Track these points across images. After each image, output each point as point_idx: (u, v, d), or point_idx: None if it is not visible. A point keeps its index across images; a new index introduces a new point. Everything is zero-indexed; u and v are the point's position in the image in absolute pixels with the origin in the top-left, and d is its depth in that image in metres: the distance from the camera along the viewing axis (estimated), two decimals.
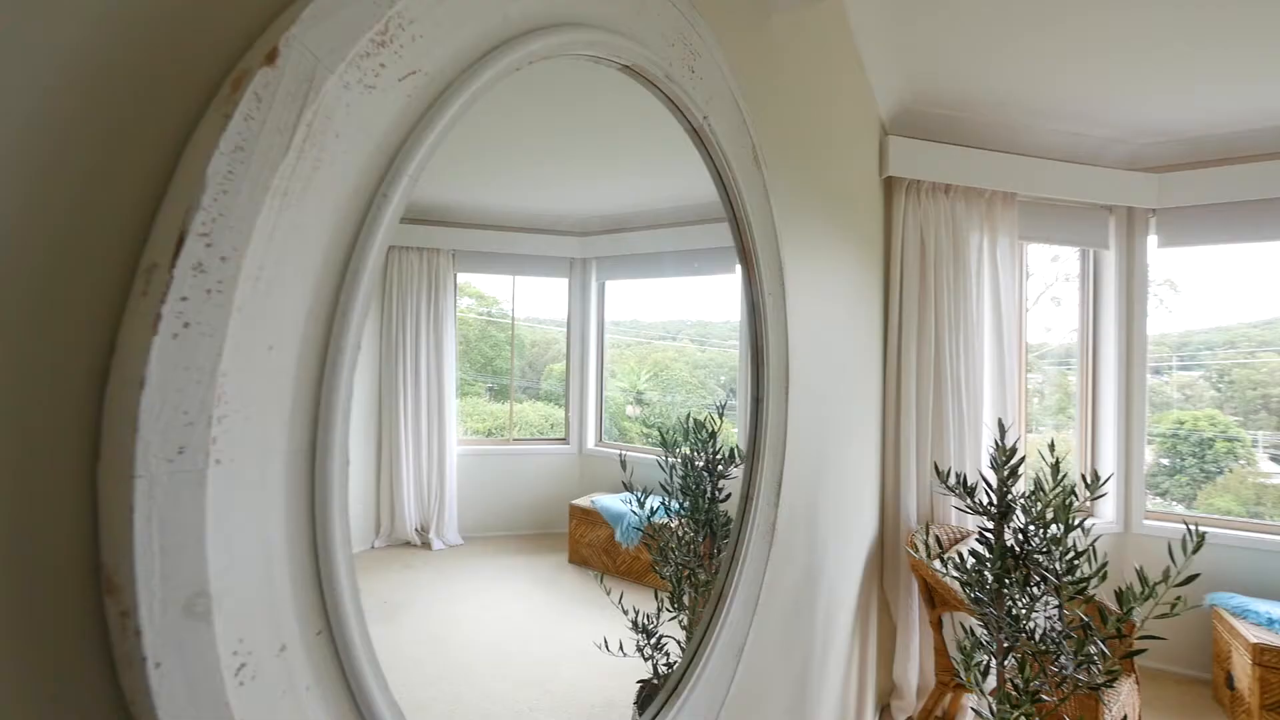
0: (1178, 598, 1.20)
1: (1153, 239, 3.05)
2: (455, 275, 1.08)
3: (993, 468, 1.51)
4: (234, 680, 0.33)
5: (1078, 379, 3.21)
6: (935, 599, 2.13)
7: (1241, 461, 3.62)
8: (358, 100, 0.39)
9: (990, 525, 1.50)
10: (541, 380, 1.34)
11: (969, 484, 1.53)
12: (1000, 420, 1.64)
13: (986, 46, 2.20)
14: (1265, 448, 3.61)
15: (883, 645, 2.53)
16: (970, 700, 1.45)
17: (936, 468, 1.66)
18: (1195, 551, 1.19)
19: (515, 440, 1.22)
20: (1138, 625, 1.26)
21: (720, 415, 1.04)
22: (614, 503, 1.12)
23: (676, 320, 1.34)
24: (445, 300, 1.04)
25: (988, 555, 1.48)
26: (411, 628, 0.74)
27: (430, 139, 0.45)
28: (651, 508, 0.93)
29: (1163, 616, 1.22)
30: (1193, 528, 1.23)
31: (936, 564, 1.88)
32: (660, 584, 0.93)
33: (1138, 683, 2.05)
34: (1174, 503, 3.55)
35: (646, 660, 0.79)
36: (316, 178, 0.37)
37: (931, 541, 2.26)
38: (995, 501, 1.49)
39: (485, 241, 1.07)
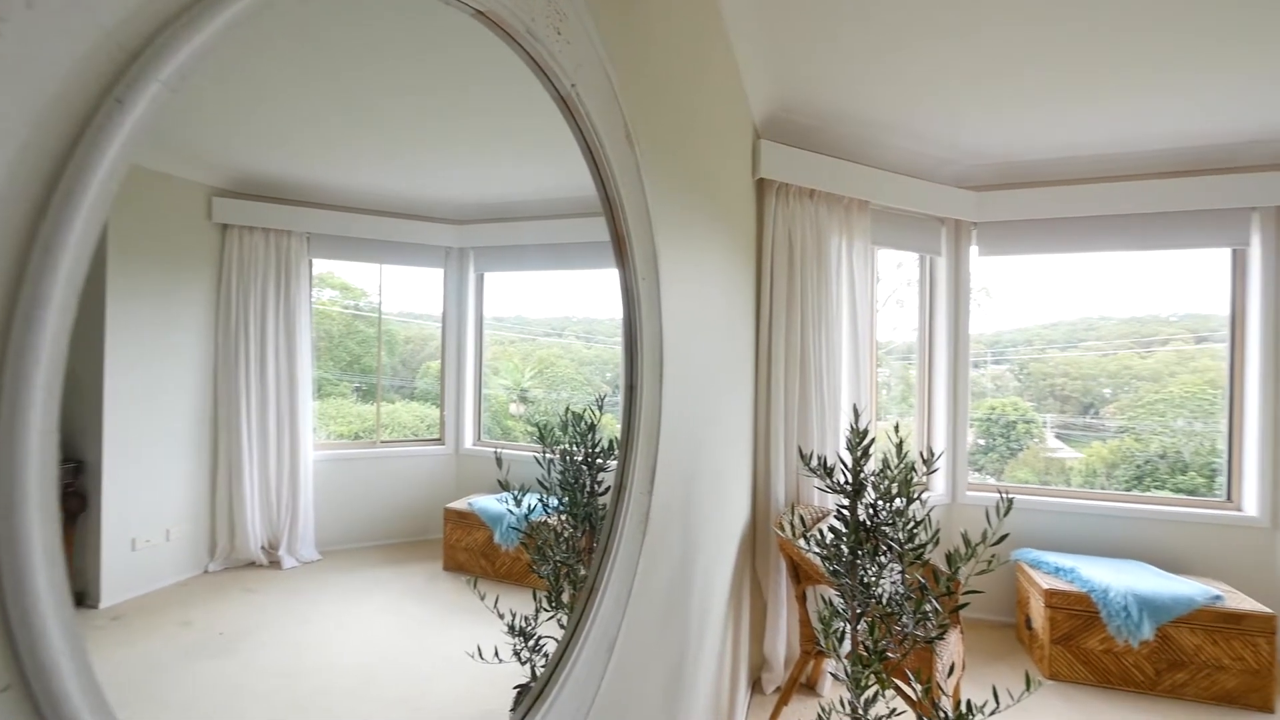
0: (992, 556, 1.40)
1: (974, 249, 3.52)
2: (310, 261, 0.97)
3: (848, 449, 1.66)
4: None
5: (917, 372, 3.64)
6: (800, 574, 2.31)
7: (1035, 440, 4.38)
8: None
9: (846, 502, 1.66)
10: (417, 379, 1.25)
11: (828, 465, 1.67)
12: (855, 406, 1.80)
13: (843, 66, 2.40)
14: (1052, 428, 4.42)
15: (755, 622, 2.69)
16: (830, 665, 1.59)
17: (801, 451, 1.80)
18: (1005, 515, 1.39)
19: (384, 443, 1.14)
20: (963, 583, 1.46)
21: (600, 408, 1.04)
22: (492, 504, 1.08)
23: (562, 317, 1.32)
24: (298, 289, 0.93)
25: (844, 530, 1.63)
26: (256, 660, 0.66)
27: (199, 40, 0.36)
28: (529, 506, 0.90)
29: (982, 573, 1.42)
30: (1004, 495, 1.45)
31: (801, 542, 2.04)
32: (542, 584, 0.91)
33: (962, 633, 2.38)
34: (988, 476, 4.19)
35: (524, 664, 0.77)
36: None
37: (796, 521, 2.44)
38: (850, 480, 1.64)
39: (347, 225, 0.98)
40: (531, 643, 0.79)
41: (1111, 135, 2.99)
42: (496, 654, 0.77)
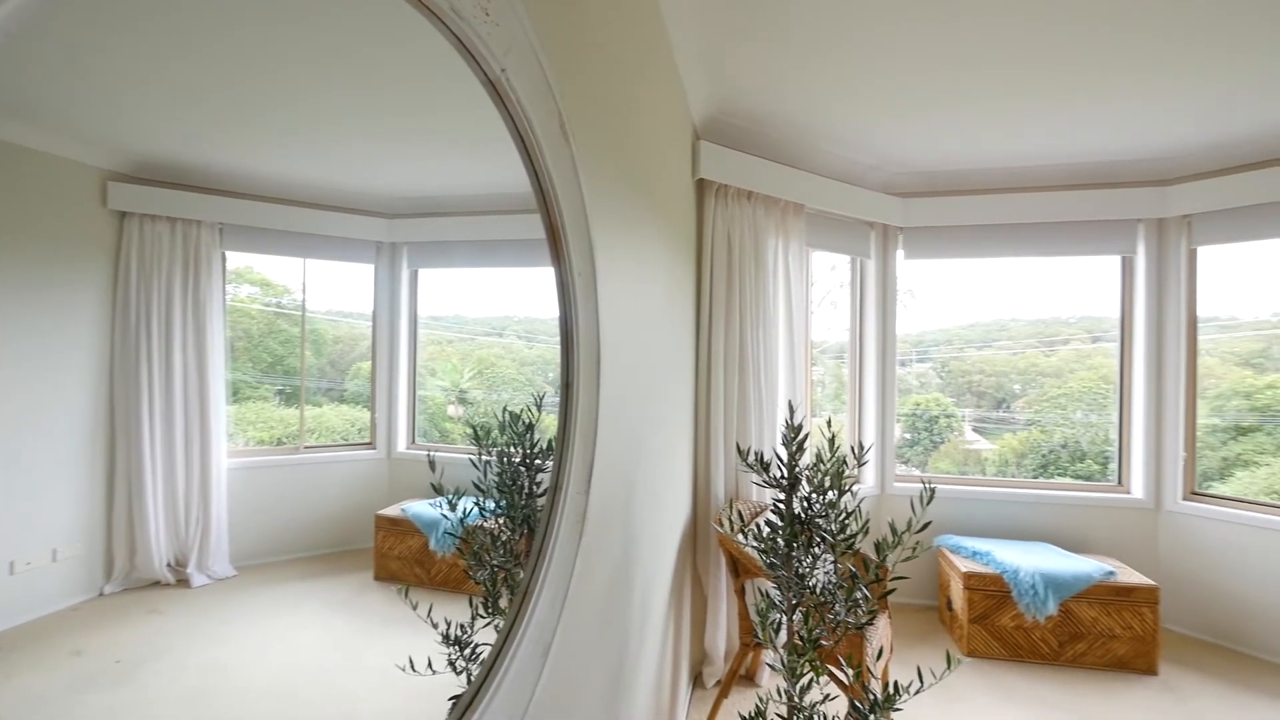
0: (916, 543, 1.48)
1: (900, 252, 3.71)
2: (223, 254, 0.90)
3: (784, 444, 1.71)
4: None
5: (848, 370, 3.80)
6: (739, 569, 2.36)
7: (955, 433, 4.69)
8: None
9: (782, 497, 1.70)
10: (347, 380, 1.19)
11: (765, 461, 1.71)
12: (790, 402, 1.86)
13: (779, 73, 2.47)
14: (970, 421, 4.74)
15: (696, 618, 2.73)
16: (768, 656, 1.63)
17: (739, 448, 1.84)
18: (928, 504, 1.48)
19: (308, 448, 1.07)
20: (891, 569, 1.53)
21: (539, 408, 1.02)
22: (427, 509, 1.04)
23: (503, 316, 1.28)
24: (209, 284, 0.87)
25: (780, 523, 1.67)
26: (159, 687, 0.60)
27: None
28: (465, 510, 0.87)
29: (907, 560, 1.49)
30: (927, 485, 1.53)
31: (739, 537, 2.08)
32: (479, 591, 0.88)
33: (890, 617, 2.50)
34: (914, 468, 4.43)
35: (460, 674, 0.75)
36: None
37: (735, 517, 2.49)
38: (786, 475, 1.69)
39: (265, 216, 0.91)
40: (467, 651, 0.76)
41: (1021, 150, 3.22)
42: (430, 665, 0.74)
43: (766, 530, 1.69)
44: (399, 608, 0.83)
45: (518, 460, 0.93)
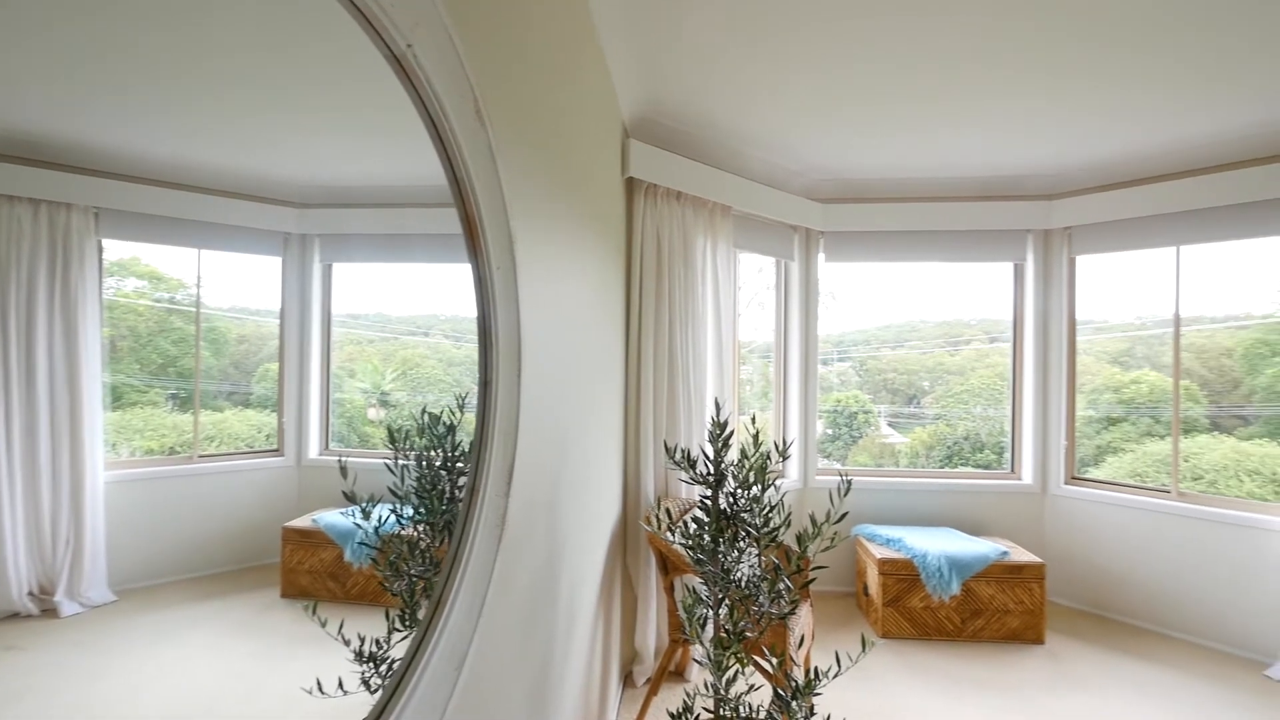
0: (835, 533, 1.56)
1: (821, 256, 3.88)
2: (100, 243, 0.81)
3: (710, 441, 1.74)
4: None
5: (774, 369, 3.93)
6: (668, 566, 2.39)
7: (872, 428, 4.98)
8: None
9: (709, 493, 1.74)
10: (253, 383, 1.10)
11: (692, 458, 1.73)
12: (716, 399, 1.90)
13: (706, 76, 2.51)
14: (885, 417, 5.05)
15: (626, 617, 2.74)
16: (696, 651, 1.66)
17: (666, 445, 1.85)
18: (845, 495, 1.55)
19: (204, 457, 0.98)
20: (812, 559, 1.59)
21: (461, 408, 0.98)
22: (341, 519, 0.98)
23: (429, 314, 1.22)
24: (81, 276, 0.77)
25: (706, 519, 1.71)
26: None
27: None
28: (380, 518, 0.83)
29: (827, 549, 1.56)
30: (844, 478, 1.61)
31: (667, 534, 2.11)
32: (396, 602, 0.84)
33: (811, 606, 2.61)
34: (835, 462, 4.66)
35: (374, 692, 0.71)
36: None
37: (663, 514, 2.52)
38: (712, 471, 1.72)
39: (151, 200, 0.82)
40: (383, 668, 0.72)
41: (930, 162, 3.45)
42: (341, 686, 0.69)
43: (693, 526, 1.72)
44: (308, 626, 0.77)
45: (438, 464, 0.89)
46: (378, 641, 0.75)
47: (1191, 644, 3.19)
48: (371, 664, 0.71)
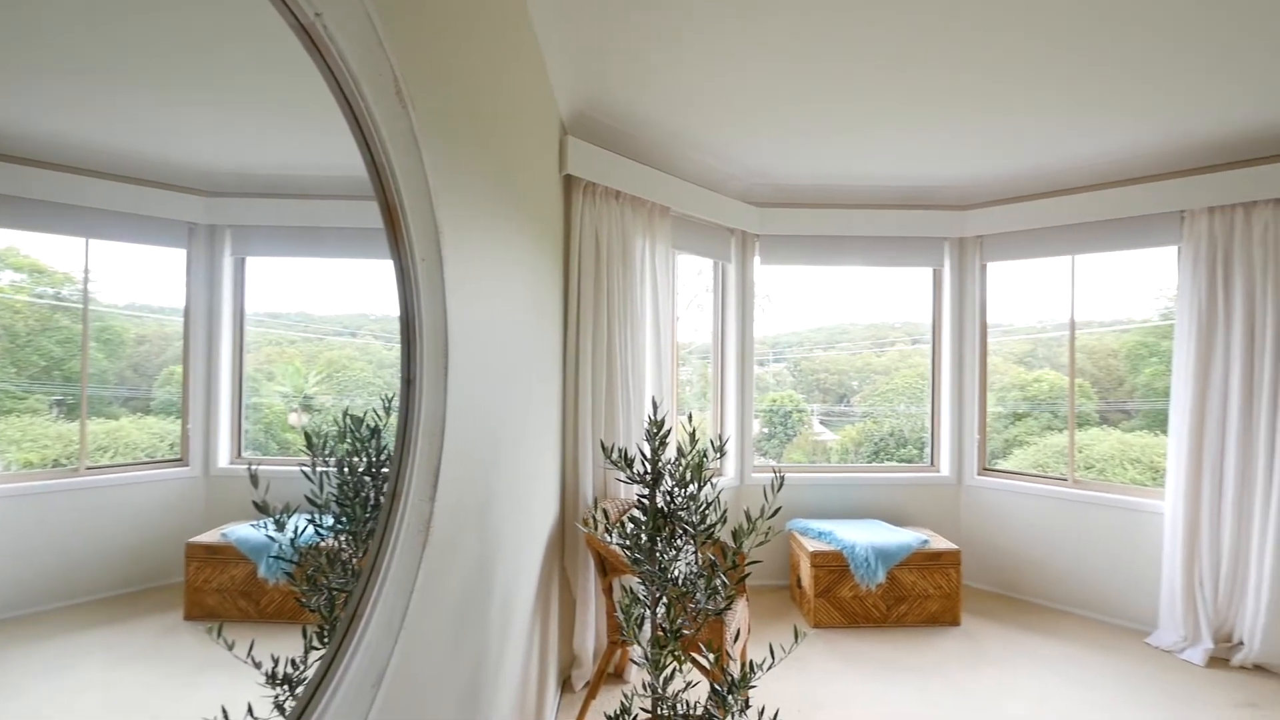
0: (769, 528, 1.60)
1: (757, 259, 3.99)
2: None
3: (647, 439, 1.75)
4: None
5: (712, 370, 4.00)
6: (607, 567, 2.38)
7: (805, 426, 5.16)
8: None
9: (646, 492, 1.74)
10: (155, 387, 1.00)
11: (629, 457, 1.73)
12: (654, 398, 1.91)
13: (643, 77, 2.52)
14: (817, 415, 5.25)
15: (564, 621, 2.71)
16: (635, 652, 1.66)
17: (603, 445, 1.85)
18: (778, 491, 1.60)
19: (93, 469, 0.89)
20: (747, 555, 1.63)
21: (387, 410, 0.94)
22: (254, 532, 0.91)
23: (358, 314, 1.15)
24: None
25: (643, 518, 1.71)
26: None
27: None
28: (297, 529, 0.78)
29: (761, 544, 1.60)
30: (777, 474, 1.65)
31: (606, 535, 2.10)
32: (315, 619, 0.79)
33: (747, 600, 2.67)
34: (771, 460, 4.80)
35: (287, 716, 0.66)
36: None
37: (601, 515, 2.51)
38: (649, 470, 1.73)
39: (28, 183, 0.73)
40: (300, 689, 0.68)
41: (854, 170, 3.61)
42: (251, 712, 0.64)
43: (631, 526, 1.72)
44: (215, 650, 0.71)
45: (362, 469, 0.84)
46: (293, 661, 0.70)
47: (1085, 618, 3.49)
48: (286, 686, 0.67)
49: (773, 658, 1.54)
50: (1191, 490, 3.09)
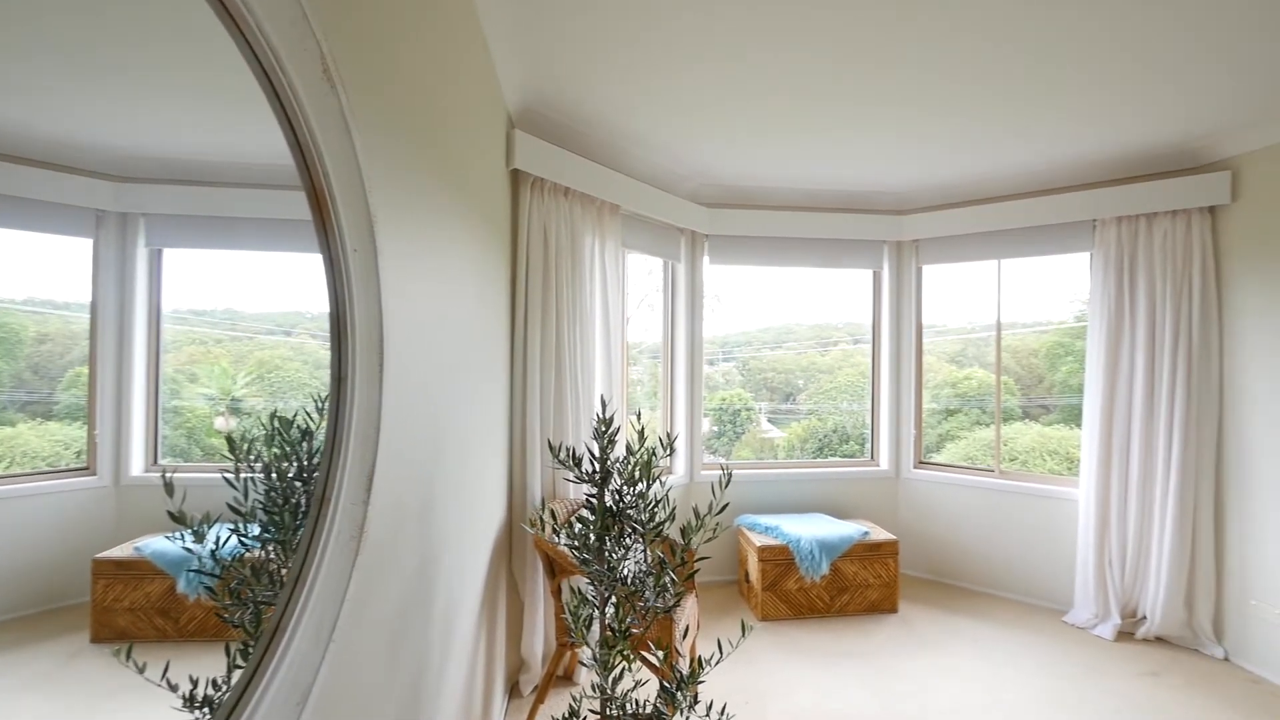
0: (717, 524, 1.62)
1: (706, 259, 4.03)
2: None
3: (595, 438, 1.73)
4: None
5: (662, 369, 4.02)
6: (555, 568, 2.36)
7: (754, 424, 5.27)
8: None
9: (595, 491, 1.73)
10: (59, 391, 0.91)
11: (577, 456, 1.72)
12: (602, 396, 1.89)
13: (592, 74, 2.51)
14: (765, 413, 5.37)
15: (512, 625, 2.66)
16: (584, 653, 1.65)
17: (550, 444, 1.82)
18: (726, 487, 1.62)
19: None
20: (696, 551, 1.64)
21: (320, 411, 0.89)
22: (170, 545, 0.84)
23: (292, 312, 1.08)
24: None
25: (592, 517, 1.70)
26: None
27: None
28: (219, 539, 0.73)
29: (709, 541, 1.62)
30: (725, 470, 1.68)
31: (554, 536, 2.07)
32: (238, 635, 0.74)
33: (696, 597, 2.70)
34: (720, 458, 4.87)
35: None
36: None
37: (549, 516, 2.48)
38: (598, 469, 1.72)
39: None
40: (220, 712, 0.63)
41: (798, 173, 3.71)
42: None
43: (579, 526, 1.71)
44: (125, 674, 0.66)
45: (291, 474, 0.80)
46: (214, 682, 0.65)
47: (1010, 600, 3.72)
48: (206, 709, 0.62)
49: (721, 652, 1.56)
50: (1102, 478, 3.34)
